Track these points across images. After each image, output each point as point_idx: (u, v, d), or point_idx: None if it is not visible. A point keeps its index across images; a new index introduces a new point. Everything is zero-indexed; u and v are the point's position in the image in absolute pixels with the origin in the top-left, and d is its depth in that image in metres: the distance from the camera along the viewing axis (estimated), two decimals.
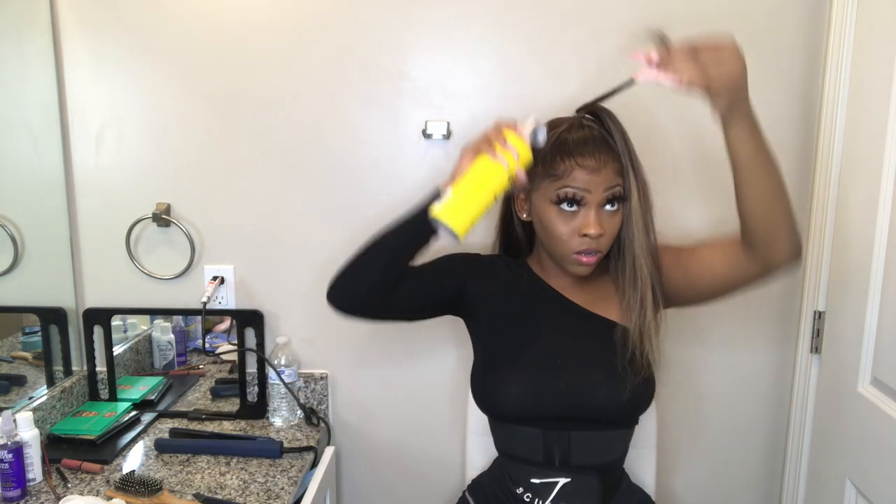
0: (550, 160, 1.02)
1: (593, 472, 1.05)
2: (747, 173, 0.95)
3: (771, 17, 1.34)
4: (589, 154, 1.00)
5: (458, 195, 0.97)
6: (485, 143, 0.97)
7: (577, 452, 1.05)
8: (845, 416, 1.26)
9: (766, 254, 0.98)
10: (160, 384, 1.56)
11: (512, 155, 0.96)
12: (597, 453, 1.06)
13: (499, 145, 0.96)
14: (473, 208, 0.97)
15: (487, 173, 0.97)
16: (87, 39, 1.42)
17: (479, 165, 0.97)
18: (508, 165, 0.96)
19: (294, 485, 1.23)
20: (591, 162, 1.00)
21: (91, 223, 1.49)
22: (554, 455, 1.06)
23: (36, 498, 1.16)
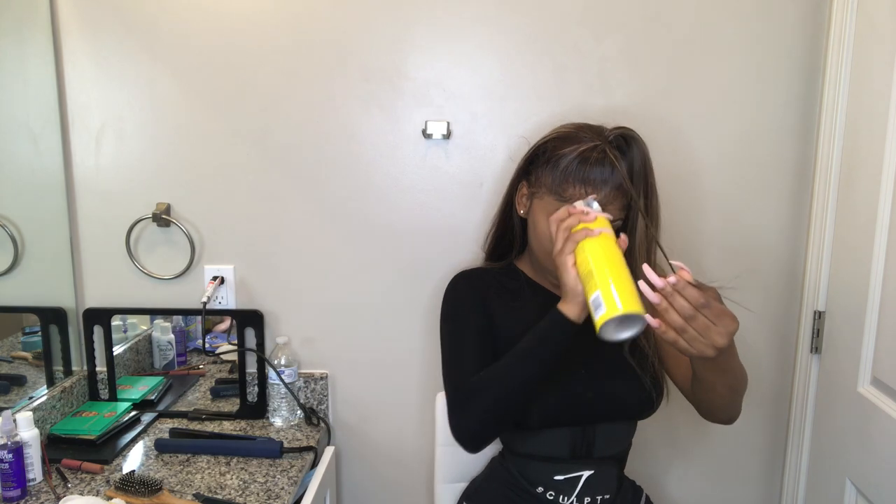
0: (562, 179, 1.01)
1: (613, 462, 1.11)
2: (707, 387, 1.01)
3: (771, 17, 1.34)
4: (600, 189, 1.00)
5: (607, 286, 0.86)
6: (571, 233, 0.93)
7: (599, 445, 1.10)
8: (845, 416, 1.26)
9: (701, 413, 1.12)
10: (160, 384, 1.56)
11: (600, 217, 0.95)
12: (617, 444, 1.12)
13: (585, 223, 0.93)
14: (625, 280, 0.87)
15: (604, 248, 0.91)
16: (87, 39, 1.42)
17: (591, 250, 0.91)
18: (607, 229, 0.93)
19: (294, 485, 1.23)
20: (599, 196, 0.99)
21: (91, 223, 1.49)
22: (579, 450, 1.09)
23: (36, 498, 1.16)
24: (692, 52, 1.37)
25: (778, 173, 1.40)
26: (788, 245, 1.43)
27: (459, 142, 1.42)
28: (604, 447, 1.11)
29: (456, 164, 1.43)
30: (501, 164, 1.42)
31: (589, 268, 0.89)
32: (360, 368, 1.53)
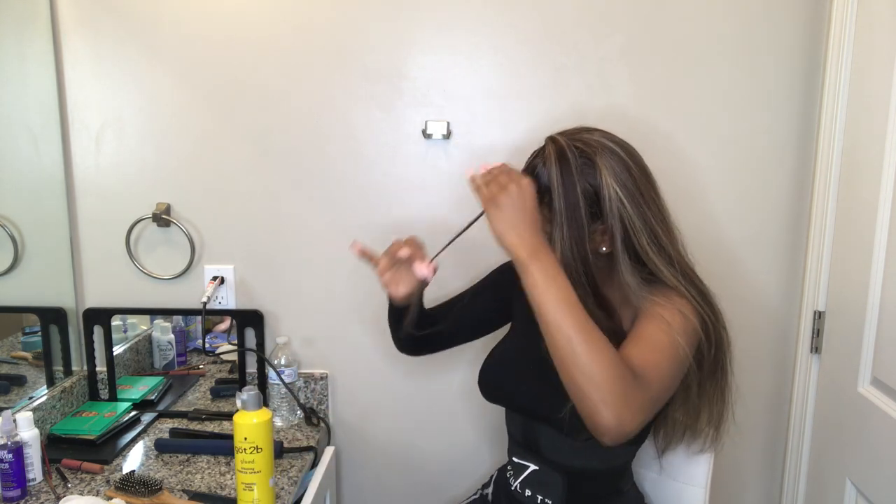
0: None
1: (560, 471, 1.06)
2: (541, 327, 0.89)
3: (771, 16, 1.34)
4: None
5: None
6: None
7: (545, 446, 1.07)
8: (845, 416, 1.26)
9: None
10: (160, 384, 1.55)
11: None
12: (564, 456, 1.06)
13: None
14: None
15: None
16: (87, 39, 1.42)
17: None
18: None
19: (294, 485, 1.23)
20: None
21: (91, 223, 1.49)
22: (530, 441, 1.09)
23: (36, 498, 1.16)
24: (692, 52, 1.37)
25: (778, 173, 1.40)
26: (788, 245, 1.43)
27: (459, 142, 1.42)
28: (549, 450, 1.07)
29: (456, 164, 1.43)
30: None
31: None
32: (360, 368, 1.53)
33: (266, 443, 1.07)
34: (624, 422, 0.82)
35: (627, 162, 0.96)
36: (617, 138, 0.99)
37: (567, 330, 0.84)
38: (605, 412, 0.82)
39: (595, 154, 0.95)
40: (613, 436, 0.83)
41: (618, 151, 0.96)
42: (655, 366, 0.90)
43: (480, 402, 1.16)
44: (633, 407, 0.83)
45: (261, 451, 1.06)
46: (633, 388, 0.84)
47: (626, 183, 0.94)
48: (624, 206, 0.94)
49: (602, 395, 0.82)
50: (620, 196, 0.93)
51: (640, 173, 0.97)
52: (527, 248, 0.89)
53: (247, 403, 1.06)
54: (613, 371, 0.83)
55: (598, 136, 0.98)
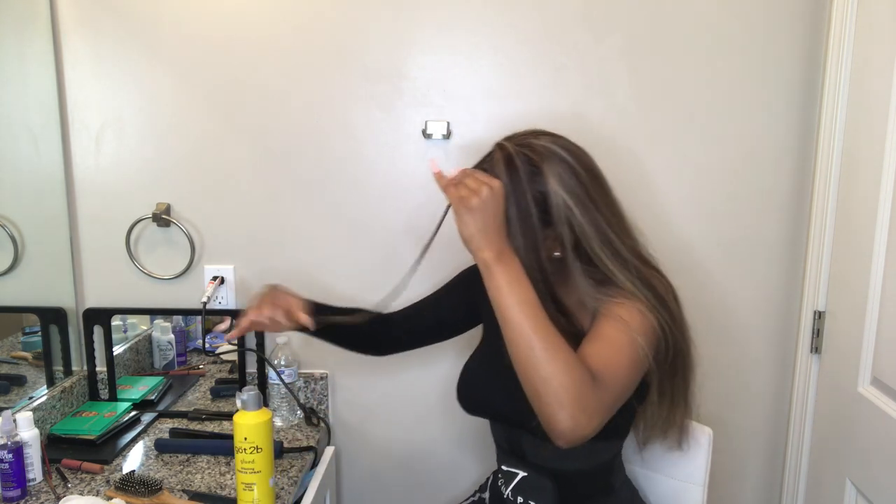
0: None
1: (548, 475, 1.06)
2: (503, 330, 0.89)
3: (771, 16, 1.34)
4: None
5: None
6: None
7: (529, 453, 1.07)
8: (845, 416, 1.26)
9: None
10: (160, 384, 1.55)
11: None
12: (549, 460, 1.06)
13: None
14: None
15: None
16: (87, 39, 1.42)
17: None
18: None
19: (294, 485, 1.23)
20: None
21: (91, 223, 1.49)
22: (515, 448, 1.09)
23: (36, 498, 1.16)
24: (692, 52, 1.37)
25: (778, 173, 1.40)
26: (788, 245, 1.43)
27: (459, 142, 1.42)
28: (534, 456, 1.06)
29: (456, 164, 1.43)
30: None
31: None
32: (360, 368, 1.53)
33: (266, 443, 1.07)
34: (579, 425, 0.82)
35: (575, 167, 0.95)
36: (566, 142, 0.98)
37: (528, 333, 0.85)
38: (560, 415, 0.82)
39: (542, 161, 0.94)
40: (569, 439, 0.83)
41: (565, 157, 0.95)
42: (614, 365, 0.89)
43: None
44: (590, 410, 0.83)
45: (261, 451, 1.06)
46: (590, 390, 0.84)
47: (575, 189, 0.93)
48: (572, 213, 0.93)
49: (559, 398, 0.82)
50: (568, 203, 0.92)
51: (590, 178, 0.96)
52: (493, 251, 0.89)
53: (247, 403, 1.07)
54: (571, 374, 0.83)
55: (545, 141, 0.97)
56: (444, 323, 1.26)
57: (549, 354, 0.84)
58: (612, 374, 0.88)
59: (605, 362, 0.89)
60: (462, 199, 0.90)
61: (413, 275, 1.10)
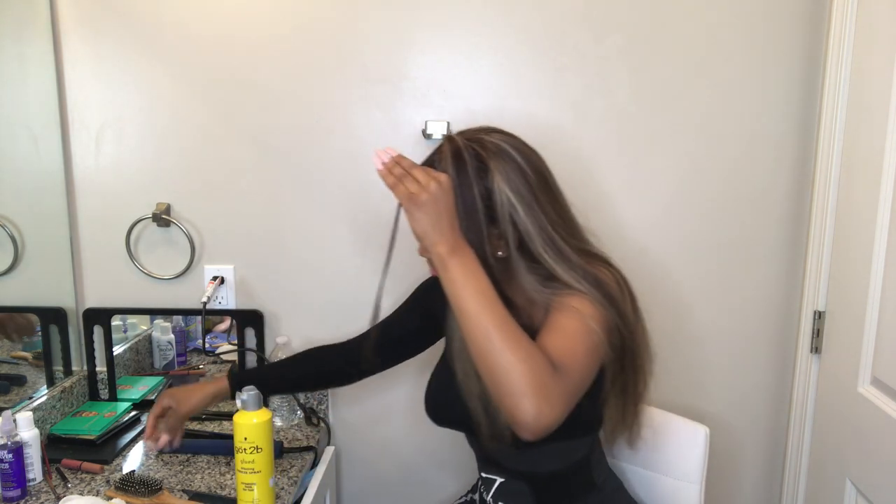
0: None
1: (524, 480, 1.06)
2: (460, 323, 0.88)
3: (771, 16, 1.34)
4: None
5: None
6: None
7: (502, 459, 1.06)
8: (845, 416, 1.26)
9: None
10: (160, 384, 1.55)
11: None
12: (527, 463, 1.05)
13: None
14: None
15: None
16: (87, 39, 1.42)
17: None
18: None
19: (294, 485, 1.23)
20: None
21: (91, 223, 1.49)
22: (488, 454, 1.08)
23: (36, 498, 1.16)
24: (692, 52, 1.37)
25: (778, 173, 1.40)
26: (788, 245, 1.43)
27: None
28: (507, 461, 1.06)
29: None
30: None
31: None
32: None
33: (266, 443, 1.07)
34: (542, 414, 0.80)
35: (523, 167, 0.94)
36: (517, 142, 0.97)
37: (485, 323, 0.84)
38: (523, 404, 0.80)
39: (490, 158, 0.93)
40: (533, 429, 0.81)
41: (514, 156, 0.94)
42: (571, 353, 0.88)
43: None
44: (552, 398, 0.81)
45: (261, 451, 1.06)
46: (551, 378, 0.82)
47: (520, 188, 0.92)
48: (516, 211, 0.92)
49: (520, 388, 0.80)
50: (513, 201, 0.91)
51: (537, 178, 0.95)
52: (447, 244, 0.88)
53: (247, 403, 1.06)
54: (531, 362, 0.82)
55: (496, 138, 0.96)
56: (411, 338, 1.25)
57: (508, 344, 0.82)
58: (570, 363, 0.87)
59: (563, 351, 0.88)
60: (411, 195, 0.89)
61: (384, 285, 1.06)
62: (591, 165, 1.42)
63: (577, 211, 1.02)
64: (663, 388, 1.50)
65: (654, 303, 1.47)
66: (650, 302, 1.46)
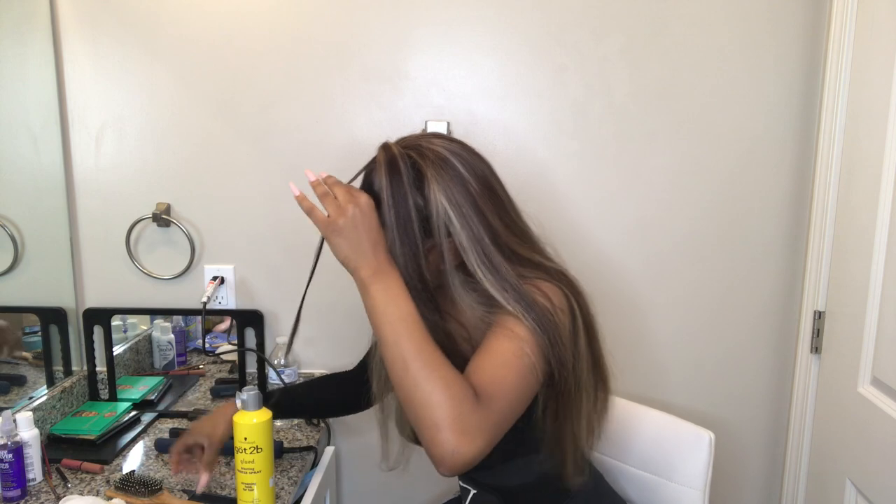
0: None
1: (492, 492, 1.05)
2: (381, 350, 0.84)
3: (771, 17, 1.34)
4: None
5: None
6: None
7: (473, 472, 1.04)
8: (845, 416, 1.26)
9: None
10: (160, 384, 1.55)
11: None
12: (494, 477, 1.03)
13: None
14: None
15: None
16: (86, 40, 1.42)
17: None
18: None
19: (294, 485, 1.23)
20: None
21: (91, 223, 1.49)
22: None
23: (36, 498, 1.16)
24: (692, 52, 1.37)
25: (778, 174, 1.40)
26: (788, 245, 1.43)
27: None
28: (478, 474, 1.04)
29: None
30: (502, 164, 1.42)
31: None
32: None
33: (266, 443, 1.07)
34: (461, 448, 0.75)
35: (464, 175, 0.88)
36: (460, 147, 0.91)
37: (403, 352, 0.80)
38: (438, 438, 0.75)
39: (427, 166, 0.87)
40: (450, 464, 0.75)
41: (454, 164, 0.88)
42: (501, 380, 0.82)
43: None
44: (471, 431, 0.75)
45: (261, 451, 1.06)
46: (471, 410, 0.76)
47: (458, 198, 0.87)
48: (451, 223, 0.86)
49: (435, 420, 0.75)
50: (449, 212, 0.86)
51: (480, 187, 0.89)
52: (369, 268, 0.84)
53: (247, 403, 1.06)
54: (448, 392, 0.76)
55: (438, 144, 0.90)
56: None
57: (424, 374, 0.77)
58: (498, 390, 0.81)
59: (492, 378, 0.82)
60: (328, 222, 0.85)
61: (300, 313, 1.07)
62: (591, 165, 1.42)
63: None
64: (663, 388, 1.50)
65: (654, 303, 1.47)
66: (649, 302, 1.47)
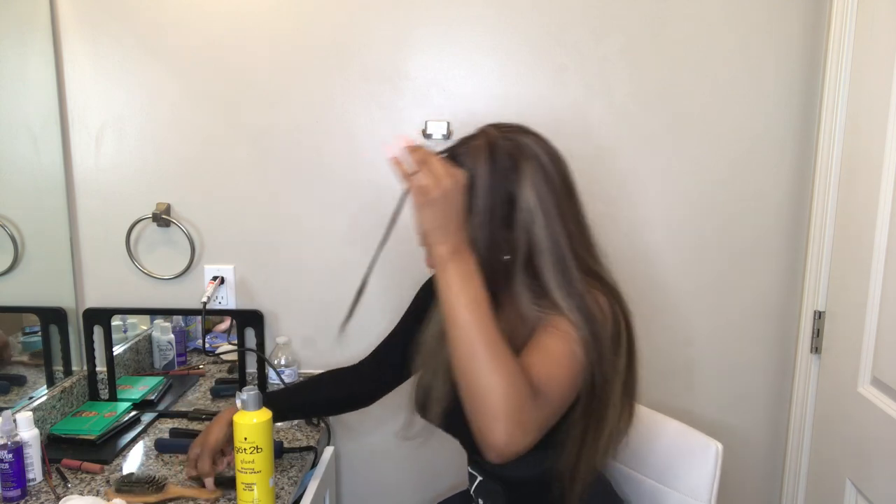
0: None
1: (498, 480, 1.06)
2: (448, 330, 0.84)
3: (771, 17, 1.34)
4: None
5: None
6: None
7: (481, 459, 1.05)
8: (845, 416, 1.26)
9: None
10: (160, 384, 1.55)
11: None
12: (497, 467, 1.03)
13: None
14: None
15: None
16: (87, 40, 1.42)
17: None
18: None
19: (294, 485, 1.23)
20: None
21: (91, 223, 1.49)
22: (472, 452, 1.09)
23: (36, 498, 1.16)
24: (692, 52, 1.37)
25: (778, 174, 1.40)
26: (788, 245, 1.43)
27: None
28: (485, 460, 1.01)
29: None
30: None
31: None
32: None
33: (266, 443, 1.07)
34: (514, 440, 0.77)
35: (552, 175, 0.90)
36: (549, 147, 0.93)
37: (473, 337, 0.80)
38: (495, 428, 0.77)
39: (522, 159, 0.89)
40: (501, 453, 0.78)
41: (545, 162, 0.91)
42: (554, 378, 0.85)
43: None
44: (527, 425, 0.78)
45: (261, 451, 1.06)
46: (529, 405, 0.78)
47: (545, 196, 0.89)
48: (535, 222, 0.88)
49: (495, 411, 0.77)
50: (534, 211, 0.88)
51: (563, 189, 0.92)
52: (449, 245, 0.84)
53: (247, 403, 1.06)
54: (513, 386, 0.78)
55: (531, 140, 0.92)
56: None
57: (492, 363, 0.78)
58: (551, 388, 0.83)
59: (546, 375, 0.84)
60: (423, 189, 0.84)
61: (371, 273, 1.06)
62: (591, 165, 1.42)
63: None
64: (663, 389, 1.50)
65: (654, 303, 1.47)
66: (649, 302, 1.47)
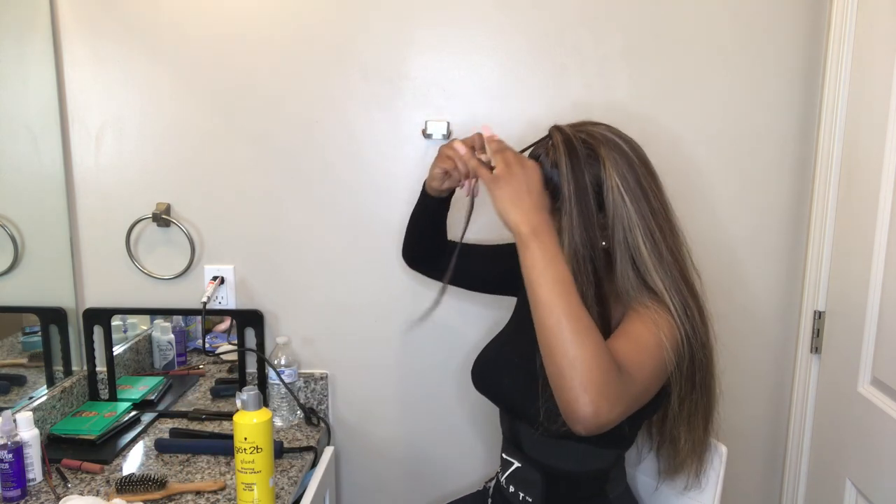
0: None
1: (540, 471, 1.06)
2: (532, 308, 0.87)
3: (771, 16, 1.34)
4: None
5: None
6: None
7: (525, 445, 1.07)
8: (845, 416, 1.26)
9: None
10: (160, 384, 1.56)
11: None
12: (545, 455, 1.05)
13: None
14: None
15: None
16: (87, 39, 1.42)
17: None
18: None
19: (294, 485, 1.23)
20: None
21: (91, 223, 1.49)
22: (514, 437, 1.09)
23: (36, 498, 1.16)
24: (692, 52, 1.37)
25: (778, 173, 1.40)
26: (788, 245, 1.43)
27: None
28: (530, 449, 1.06)
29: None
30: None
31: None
32: (360, 368, 1.53)
33: (266, 443, 1.07)
34: (601, 411, 0.80)
35: (630, 156, 0.96)
36: (621, 133, 0.99)
37: (559, 312, 0.83)
38: (583, 398, 0.80)
39: (599, 146, 0.95)
40: (588, 425, 0.81)
41: (621, 145, 0.96)
42: (639, 364, 0.88)
43: (479, 401, 1.16)
44: (612, 398, 0.81)
45: (261, 451, 1.06)
46: (615, 379, 0.82)
47: (628, 178, 0.94)
48: (624, 201, 0.93)
49: (583, 381, 0.80)
50: (621, 190, 0.93)
51: (643, 169, 0.97)
52: (530, 225, 0.88)
53: (247, 403, 1.07)
54: (598, 359, 0.81)
55: (602, 129, 0.99)
56: (482, 278, 1.28)
57: (578, 337, 0.82)
58: (636, 371, 0.87)
59: (631, 360, 0.87)
60: (493, 176, 0.92)
61: (459, 249, 1.13)
62: None
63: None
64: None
65: None
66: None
